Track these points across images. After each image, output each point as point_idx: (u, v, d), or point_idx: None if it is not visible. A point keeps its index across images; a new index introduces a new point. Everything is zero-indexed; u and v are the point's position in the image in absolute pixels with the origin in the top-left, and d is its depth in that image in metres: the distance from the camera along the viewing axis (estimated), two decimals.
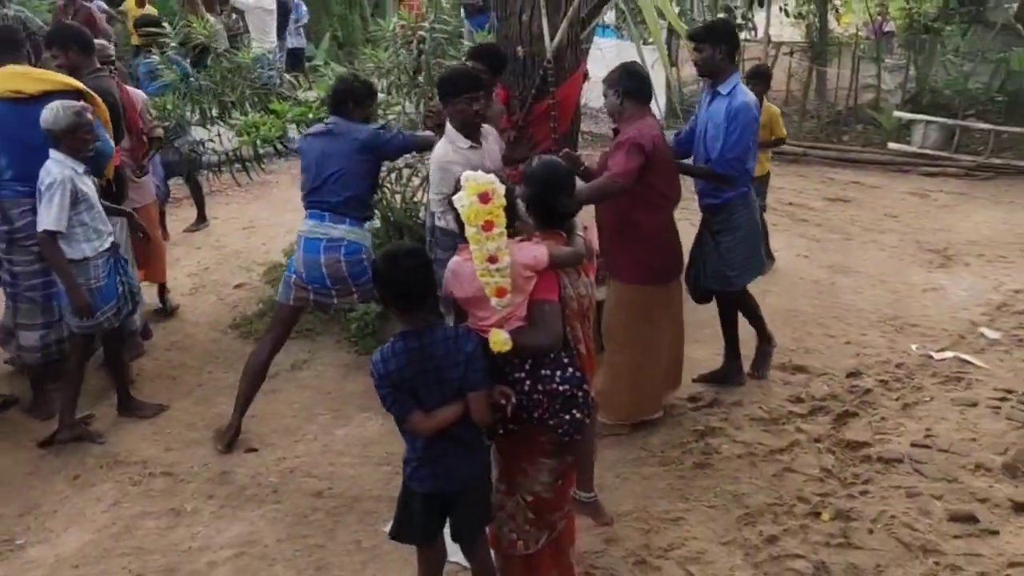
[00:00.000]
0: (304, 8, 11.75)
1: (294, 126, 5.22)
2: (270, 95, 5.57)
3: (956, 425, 4.03)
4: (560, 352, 2.61)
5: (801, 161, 9.19)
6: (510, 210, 2.48)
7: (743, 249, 4.20)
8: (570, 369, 2.62)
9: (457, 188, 2.49)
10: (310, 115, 5.11)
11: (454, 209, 2.49)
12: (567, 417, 2.59)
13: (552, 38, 4.53)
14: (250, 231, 7.23)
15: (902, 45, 11.04)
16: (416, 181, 5.66)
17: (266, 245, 6.75)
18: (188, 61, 5.99)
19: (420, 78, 5.56)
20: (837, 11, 11.50)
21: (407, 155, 5.33)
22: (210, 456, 3.94)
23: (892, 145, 9.22)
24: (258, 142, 5.17)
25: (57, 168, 3.70)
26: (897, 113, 9.53)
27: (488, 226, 2.40)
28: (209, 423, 4.19)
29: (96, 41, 4.82)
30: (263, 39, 9.31)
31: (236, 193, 8.04)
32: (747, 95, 4.08)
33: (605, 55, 9.03)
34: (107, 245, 3.90)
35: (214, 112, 5.64)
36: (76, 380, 4.01)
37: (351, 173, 3.88)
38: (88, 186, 3.82)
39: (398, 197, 5.58)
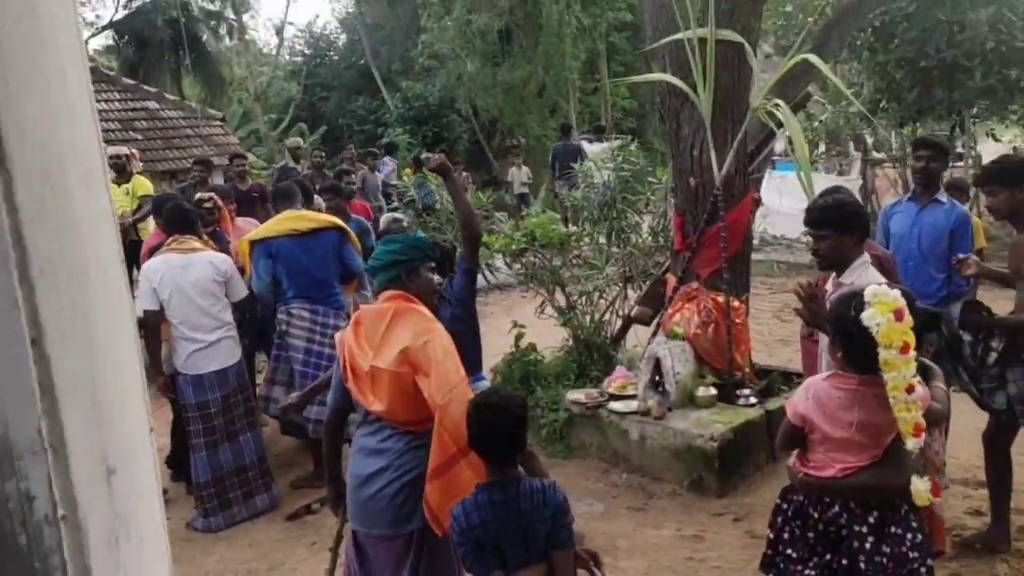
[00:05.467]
0: (526, 169, 14.44)
1: (500, 255, 6.14)
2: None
3: None
4: (909, 510, 2.27)
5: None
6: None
7: None
8: (920, 535, 2.25)
9: (853, 305, 2.22)
10: (512, 246, 5.99)
11: (848, 334, 2.22)
12: None
13: (720, 169, 5.10)
14: None
15: None
16: (603, 303, 6.29)
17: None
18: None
19: (610, 211, 6.30)
20: None
21: (598, 280, 6.03)
22: None
23: None
24: None
25: None
26: None
27: (906, 348, 2.11)
28: None
29: None
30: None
31: None
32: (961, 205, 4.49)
33: (791, 186, 9.43)
34: None
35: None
36: None
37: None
38: None
39: (587, 317, 6.21)
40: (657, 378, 5.11)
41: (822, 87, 10.52)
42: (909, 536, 2.21)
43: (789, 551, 2.36)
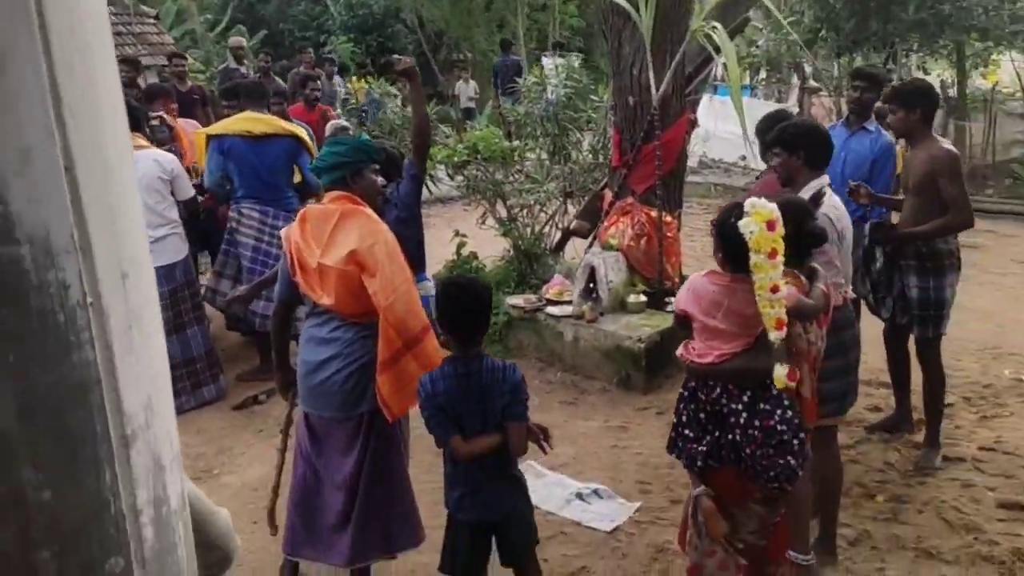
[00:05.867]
0: (473, 83, 14.18)
1: (442, 165, 6.25)
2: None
3: None
4: (782, 393, 2.51)
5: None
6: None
7: None
8: (789, 412, 2.49)
9: (735, 213, 2.44)
10: (455, 158, 6.11)
11: (727, 237, 2.44)
12: (781, 462, 2.45)
13: (658, 89, 5.27)
14: None
15: None
16: (543, 216, 6.49)
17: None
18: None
19: (552, 127, 6.44)
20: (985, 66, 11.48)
21: (539, 193, 6.20)
22: None
23: None
24: None
25: None
26: None
27: (773, 254, 2.34)
28: None
29: None
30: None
31: None
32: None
33: (730, 111, 9.67)
34: None
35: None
36: None
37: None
38: None
39: (528, 229, 6.41)
40: (591, 285, 5.39)
41: (766, 14, 10.66)
42: (779, 412, 2.46)
43: (687, 431, 2.61)
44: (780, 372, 2.41)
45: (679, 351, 2.68)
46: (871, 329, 4.78)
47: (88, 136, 0.74)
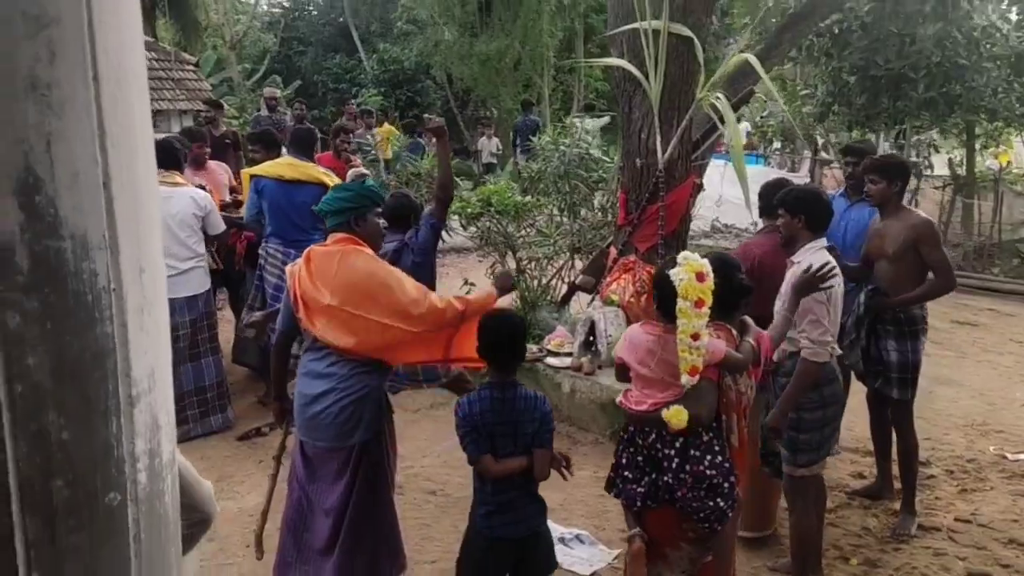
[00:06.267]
0: (496, 140, 14.76)
1: (456, 216, 6.51)
2: None
3: (1003, 508, 4.34)
4: (712, 438, 2.67)
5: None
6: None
7: None
8: (719, 457, 2.64)
9: (666, 266, 2.65)
10: (468, 209, 6.37)
11: (661, 287, 2.63)
12: (711, 504, 2.60)
13: (664, 153, 5.50)
14: None
15: None
16: (551, 270, 6.70)
17: None
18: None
19: (563, 184, 6.70)
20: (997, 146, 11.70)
21: (548, 248, 6.42)
22: None
23: None
24: None
25: None
26: None
27: (699, 304, 2.49)
28: None
29: None
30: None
31: None
32: None
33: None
34: None
35: None
36: None
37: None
38: None
39: (535, 281, 6.62)
40: (591, 338, 5.56)
41: (781, 86, 10.99)
42: (708, 458, 2.63)
43: (626, 473, 2.79)
44: (680, 413, 2.57)
45: (619, 399, 2.87)
46: (860, 397, 4.92)
47: (123, 161, 0.95)
